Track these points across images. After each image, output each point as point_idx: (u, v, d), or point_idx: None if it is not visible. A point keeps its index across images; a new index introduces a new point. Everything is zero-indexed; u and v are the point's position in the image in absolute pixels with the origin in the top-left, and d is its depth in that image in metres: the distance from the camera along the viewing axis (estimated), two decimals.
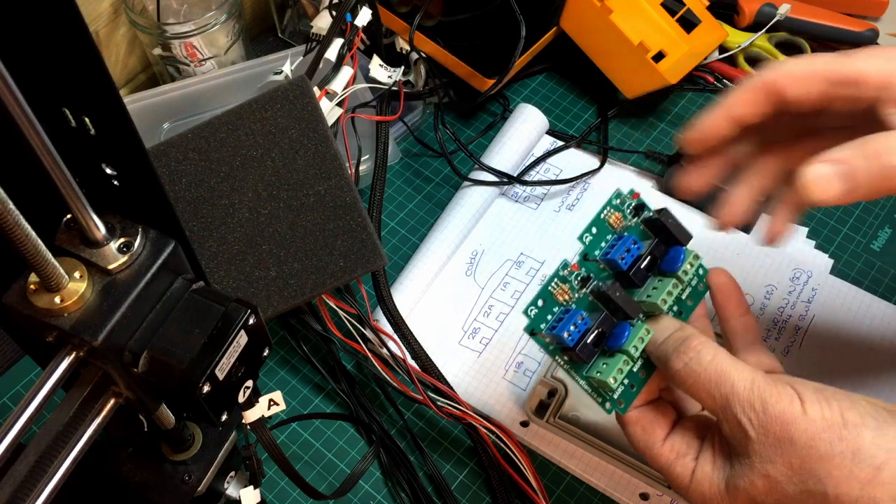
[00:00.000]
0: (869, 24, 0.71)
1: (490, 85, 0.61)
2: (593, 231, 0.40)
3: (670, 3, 0.64)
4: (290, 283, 0.46)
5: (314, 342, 0.54)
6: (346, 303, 0.51)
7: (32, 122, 0.22)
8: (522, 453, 0.48)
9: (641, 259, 0.39)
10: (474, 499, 0.50)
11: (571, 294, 0.39)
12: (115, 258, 0.27)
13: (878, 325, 0.55)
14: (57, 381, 0.26)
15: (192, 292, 0.29)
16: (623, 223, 0.40)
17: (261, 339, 0.30)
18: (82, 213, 0.26)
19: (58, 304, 0.26)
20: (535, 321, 0.39)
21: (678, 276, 0.39)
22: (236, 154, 0.46)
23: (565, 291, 0.39)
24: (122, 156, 0.27)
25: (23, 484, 0.26)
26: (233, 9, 0.61)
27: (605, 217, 0.40)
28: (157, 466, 0.37)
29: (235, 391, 0.29)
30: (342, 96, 0.52)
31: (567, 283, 0.39)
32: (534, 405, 0.50)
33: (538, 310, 0.39)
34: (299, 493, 0.49)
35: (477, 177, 0.60)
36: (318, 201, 0.46)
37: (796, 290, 0.57)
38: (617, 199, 0.40)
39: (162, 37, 0.60)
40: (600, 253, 0.40)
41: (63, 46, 0.23)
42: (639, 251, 0.39)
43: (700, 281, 0.41)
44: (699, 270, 0.40)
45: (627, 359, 0.38)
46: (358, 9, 0.54)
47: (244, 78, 0.61)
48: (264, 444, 0.39)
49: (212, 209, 0.46)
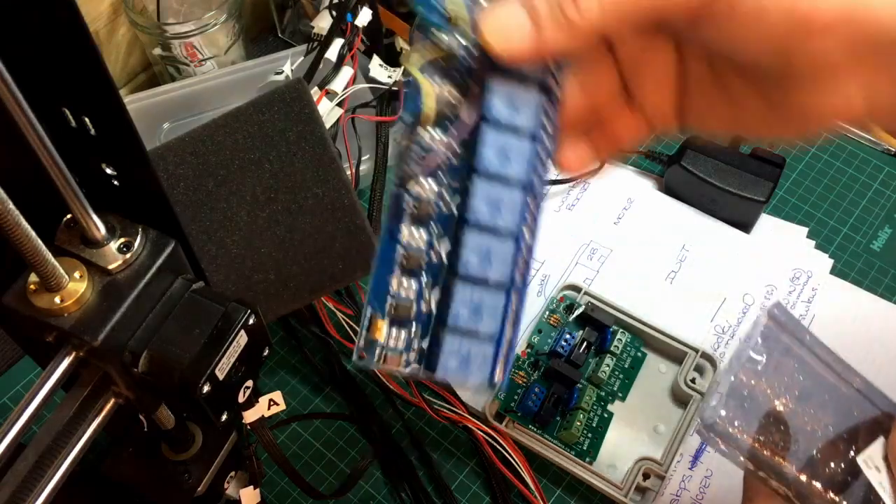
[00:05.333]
0: None
1: None
2: (539, 332, 0.53)
3: None
4: (290, 286, 0.46)
5: (314, 343, 0.54)
6: (346, 304, 0.51)
7: (32, 122, 0.22)
8: (519, 454, 0.48)
9: (578, 346, 0.51)
10: (474, 499, 0.50)
11: (528, 376, 0.52)
12: (115, 258, 0.27)
13: (878, 325, 0.55)
14: (57, 381, 0.26)
15: (192, 292, 0.29)
16: (561, 322, 0.53)
17: (261, 339, 0.30)
18: (82, 213, 0.26)
19: (58, 304, 0.26)
20: (505, 402, 0.50)
21: (611, 351, 0.51)
22: (234, 157, 0.46)
23: (522, 376, 0.52)
24: (122, 156, 0.27)
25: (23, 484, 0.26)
26: (233, 9, 0.61)
27: (546, 320, 0.53)
28: (157, 466, 0.37)
29: (235, 391, 0.29)
30: (342, 96, 0.52)
31: (522, 370, 0.52)
32: (493, 411, 0.50)
33: (506, 393, 0.50)
34: (299, 493, 0.49)
35: None
36: (317, 204, 0.46)
37: (796, 290, 0.57)
38: (553, 304, 0.54)
39: (162, 37, 0.60)
40: (548, 348, 0.52)
41: (63, 46, 0.23)
42: (574, 340, 0.51)
43: (637, 351, 0.52)
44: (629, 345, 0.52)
45: (583, 413, 0.49)
46: (358, 9, 0.54)
47: (244, 78, 0.61)
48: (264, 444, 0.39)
49: (210, 213, 0.46)
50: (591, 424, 0.50)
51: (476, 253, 0.28)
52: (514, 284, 0.29)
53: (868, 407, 0.46)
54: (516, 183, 0.29)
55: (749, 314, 0.56)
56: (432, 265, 0.29)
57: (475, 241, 0.28)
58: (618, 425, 0.50)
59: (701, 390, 0.50)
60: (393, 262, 0.29)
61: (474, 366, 0.28)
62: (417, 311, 0.28)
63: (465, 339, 0.28)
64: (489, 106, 0.28)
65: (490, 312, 0.28)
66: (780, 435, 0.46)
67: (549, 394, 0.50)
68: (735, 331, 0.55)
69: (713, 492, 0.49)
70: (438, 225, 0.29)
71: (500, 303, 0.29)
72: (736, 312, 0.56)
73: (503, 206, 0.28)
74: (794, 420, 0.46)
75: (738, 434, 0.46)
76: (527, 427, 0.49)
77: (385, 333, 0.28)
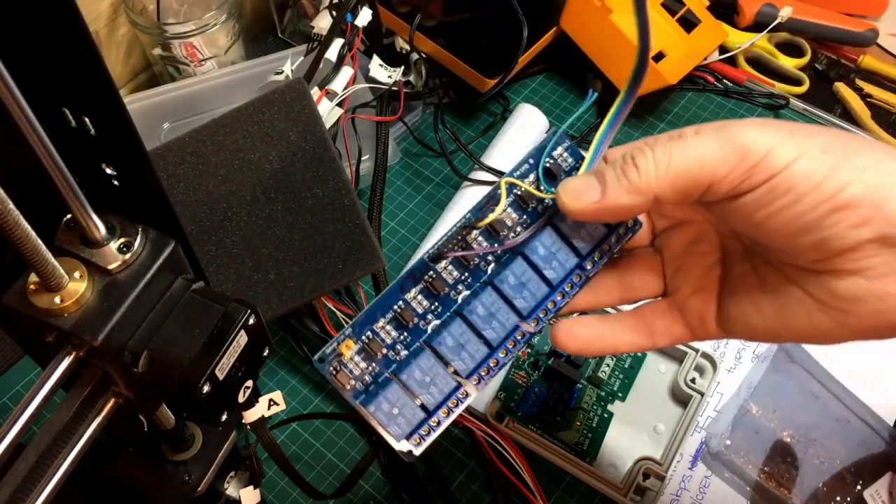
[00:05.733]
0: (869, 24, 0.71)
1: (490, 85, 0.61)
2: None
3: (670, 3, 0.64)
4: (289, 285, 0.46)
5: (314, 342, 0.54)
6: (345, 304, 0.51)
7: (32, 122, 0.22)
8: (519, 454, 0.48)
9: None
10: (474, 499, 0.50)
11: (528, 376, 0.51)
12: (115, 258, 0.27)
13: None
14: (57, 381, 0.26)
15: (192, 292, 0.29)
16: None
17: (261, 339, 0.30)
18: (82, 213, 0.26)
19: (58, 304, 0.26)
20: (505, 402, 0.50)
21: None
22: (234, 157, 0.46)
23: (522, 376, 0.51)
24: (122, 156, 0.27)
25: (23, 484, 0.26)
26: (233, 9, 0.61)
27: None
28: (157, 466, 0.37)
29: (235, 391, 0.29)
30: (342, 96, 0.52)
31: (522, 370, 0.51)
32: (493, 411, 0.50)
33: (506, 394, 0.51)
34: (299, 493, 0.49)
35: (477, 177, 0.60)
36: (317, 204, 0.46)
37: None
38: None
39: (162, 37, 0.60)
40: (548, 348, 0.52)
41: (63, 46, 0.23)
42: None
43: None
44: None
45: (583, 413, 0.50)
46: (358, 9, 0.54)
47: (244, 78, 0.61)
48: (264, 444, 0.39)
49: (210, 213, 0.46)
50: (591, 424, 0.50)
51: (453, 339, 0.33)
52: (463, 384, 0.33)
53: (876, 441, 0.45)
54: (517, 311, 0.33)
55: None
56: (417, 329, 0.34)
57: (457, 330, 0.33)
58: (618, 425, 0.50)
59: (701, 390, 0.50)
60: (389, 308, 0.34)
61: (400, 420, 0.33)
62: (385, 355, 0.34)
63: (406, 396, 0.33)
64: (533, 246, 0.33)
65: (437, 389, 0.33)
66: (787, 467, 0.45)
67: (549, 394, 0.50)
68: None
69: (713, 492, 0.49)
70: (439, 304, 0.34)
71: (449, 387, 0.33)
72: None
73: (496, 322, 0.33)
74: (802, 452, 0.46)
75: (743, 465, 0.46)
76: (527, 427, 0.49)
77: (349, 355, 0.33)
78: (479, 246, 0.34)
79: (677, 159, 0.30)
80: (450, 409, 0.33)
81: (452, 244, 0.34)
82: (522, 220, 0.34)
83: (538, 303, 0.34)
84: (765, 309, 0.32)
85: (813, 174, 0.28)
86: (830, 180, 0.28)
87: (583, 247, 0.34)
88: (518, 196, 0.34)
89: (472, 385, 0.33)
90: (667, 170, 0.30)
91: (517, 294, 0.33)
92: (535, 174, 0.34)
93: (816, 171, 0.28)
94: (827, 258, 0.30)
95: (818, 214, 0.29)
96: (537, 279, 0.33)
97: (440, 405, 0.33)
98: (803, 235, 0.29)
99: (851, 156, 0.29)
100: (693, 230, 0.35)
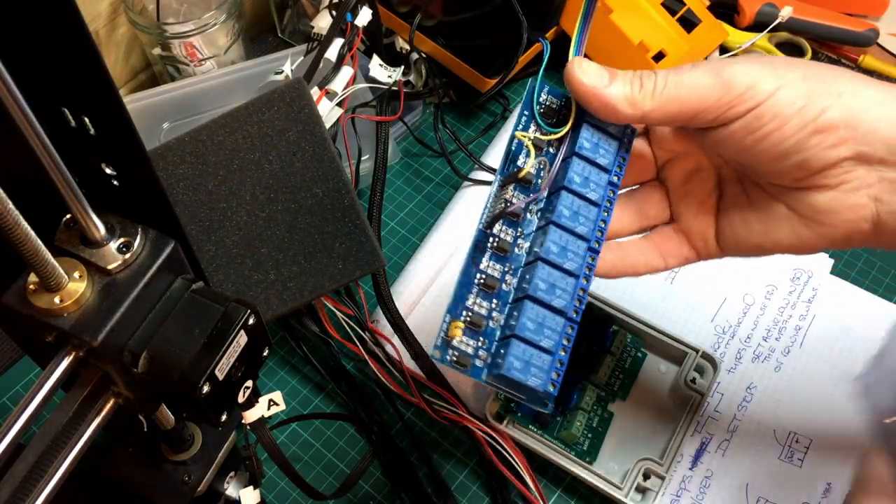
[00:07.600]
0: (869, 24, 0.71)
1: (490, 85, 0.61)
2: None
3: (670, 2, 0.64)
4: (289, 286, 0.46)
5: (314, 342, 0.54)
6: (345, 304, 0.51)
7: (32, 122, 0.22)
8: (519, 454, 0.48)
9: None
10: (474, 499, 0.50)
11: None
12: (115, 258, 0.27)
13: (878, 325, 0.55)
14: (57, 381, 0.26)
15: (191, 292, 0.29)
16: None
17: (261, 339, 0.30)
18: (82, 213, 0.26)
19: (57, 304, 0.26)
20: (505, 402, 0.49)
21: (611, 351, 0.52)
22: (234, 157, 0.46)
23: None
24: (122, 156, 0.27)
25: (22, 484, 0.26)
26: (233, 9, 0.61)
27: None
28: (157, 466, 0.37)
29: (235, 391, 0.29)
30: (342, 96, 0.52)
31: None
32: (493, 411, 0.50)
33: None
34: (299, 493, 0.49)
35: (477, 177, 0.60)
36: (317, 204, 0.46)
37: (797, 290, 0.57)
38: None
39: (162, 37, 0.60)
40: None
41: (63, 46, 0.23)
42: None
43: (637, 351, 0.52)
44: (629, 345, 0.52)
45: (583, 413, 0.49)
46: (358, 9, 0.54)
47: (244, 78, 0.61)
48: (264, 444, 0.39)
49: (209, 213, 0.46)
50: (591, 424, 0.50)
51: (544, 282, 0.36)
52: (569, 314, 0.36)
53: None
54: (582, 237, 0.37)
55: (749, 314, 0.56)
56: (502, 292, 0.37)
57: (543, 273, 0.36)
58: (618, 425, 0.50)
59: (701, 390, 0.50)
60: (472, 284, 0.37)
61: (534, 370, 0.35)
62: (486, 326, 0.36)
63: (529, 347, 0.35)
64: (570, 178, 0.36)
65: (550, 331, 0.35)
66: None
67: None
68: (735, 331, 0.55)
69: (713, 492, 0.49)
70: (510, 263, 0.37)
71: (559, 326, 0.36)
72: (736, 312, 0.56)
73: (570, 252, 0.36)
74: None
75: None
76: (527, 427, 0.49)
77: (459, 335, 0.36)
78: (520, 200, 0.37)
79: (672, 84, 0.34)
80: (565, 347, 0.36)
81: (498, 208, 0.37)
82: (543, 166, 0.38)
83: (594, 224, 0.37)
84: (754, 225, 0.37)
85: (795, 100, 0.32)
86: (811, 105, 0.32)
87: (606, 162, 0.37)
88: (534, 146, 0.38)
89: (572, 315, 0.36)
90: (661, 91, 0.34)
91: (575, 222, 0.36)
92: (534, 123, 0.38)
93: (798, 98, 0.32)
94: (808, 176, 0.33)
95: (801, 137, 0.32)
96: (584, 204, 0.37)
97: (559, 343, 0.36)
98: (788, 157, 0.33)
99: (829, 83, 0.33)
100: (691, 161, 0.39)
